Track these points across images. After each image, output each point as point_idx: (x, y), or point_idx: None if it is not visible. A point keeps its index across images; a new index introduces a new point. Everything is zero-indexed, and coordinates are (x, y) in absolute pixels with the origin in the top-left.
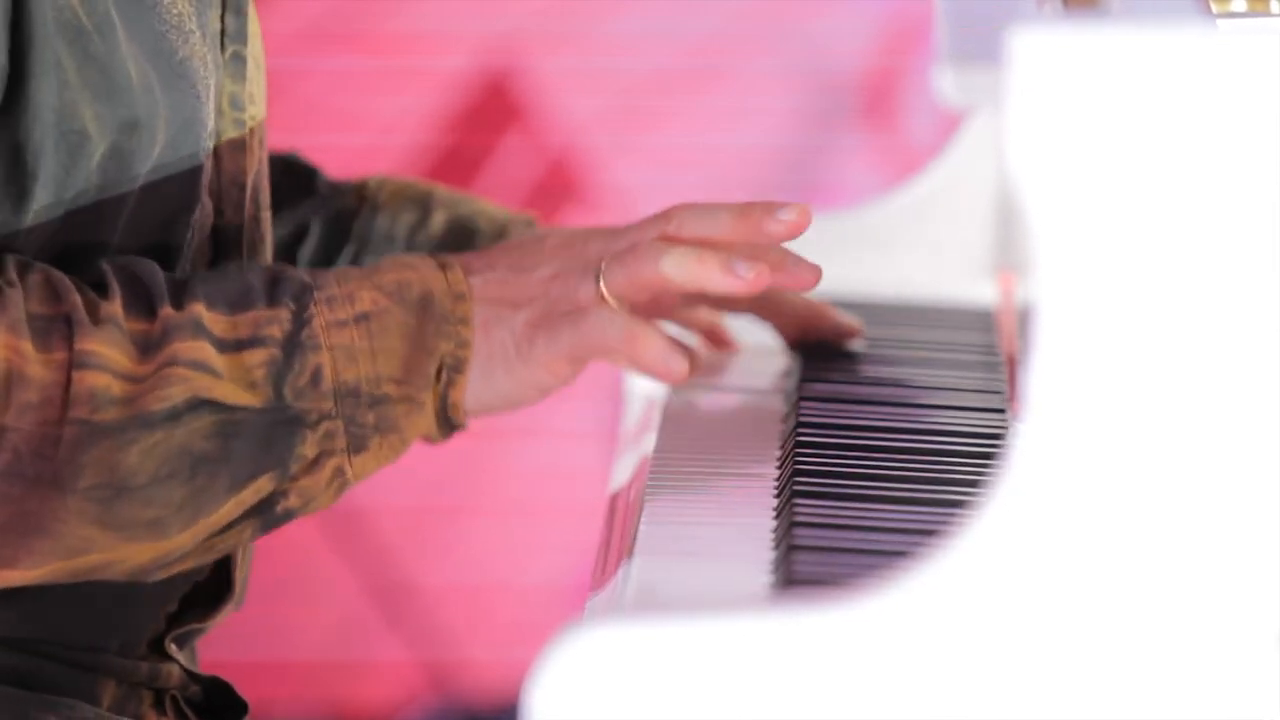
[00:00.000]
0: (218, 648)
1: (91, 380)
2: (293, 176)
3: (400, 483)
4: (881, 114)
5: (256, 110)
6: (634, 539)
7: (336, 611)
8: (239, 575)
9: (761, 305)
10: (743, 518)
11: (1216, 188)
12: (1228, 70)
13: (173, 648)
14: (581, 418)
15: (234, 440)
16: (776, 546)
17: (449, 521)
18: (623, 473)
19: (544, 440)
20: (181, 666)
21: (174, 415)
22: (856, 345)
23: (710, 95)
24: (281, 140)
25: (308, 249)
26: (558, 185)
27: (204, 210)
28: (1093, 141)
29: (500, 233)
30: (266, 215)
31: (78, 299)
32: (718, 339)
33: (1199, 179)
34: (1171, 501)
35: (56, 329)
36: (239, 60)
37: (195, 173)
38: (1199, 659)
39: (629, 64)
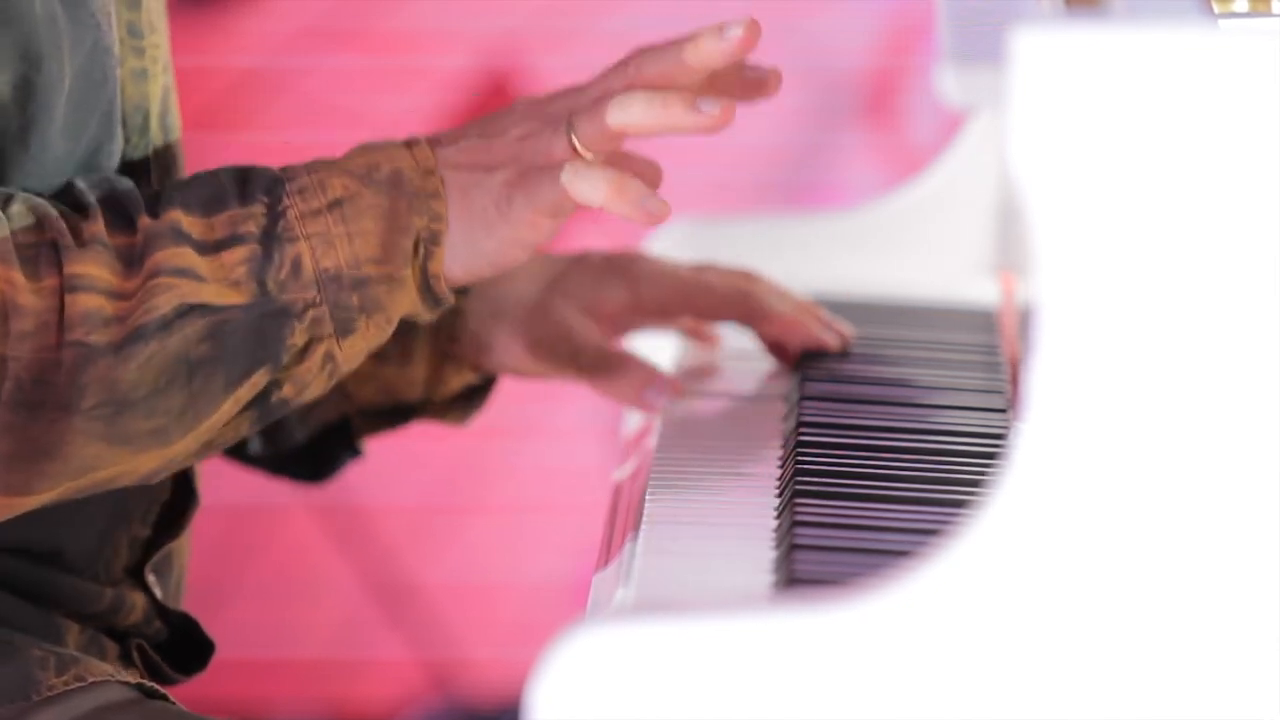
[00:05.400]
0: (219, 645)
1: (84, 302)
2: None
3: (402, 482)
4: (883, 113)
5: (158, 39)
6: (637, 536)
7: (338, 610)
8: (198, 480)
9: (746, 313)
10: (744, 517)
11: (1217, 187)
12: (1229, 70)
13: (151, 578)
14: (583, 417)
15: (226, 339)
16: (778, 546)
17: (451, 520)
18: (625, 469)
19: (545, 439)
20: (150, 599)
21: (165, 325)
22: (856, 345)
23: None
24: (284, 138)
25: None
26: None
27: (117, 140)
28: (1094, 141)
29: None
30: (176, 141)
31: (62, 224)
32: (701, 337)
33: (1200, 179)
34: (1172, 501)
35: (44, 256)
36: None
37: (111, 101)
38: (1199, 659)
39: None
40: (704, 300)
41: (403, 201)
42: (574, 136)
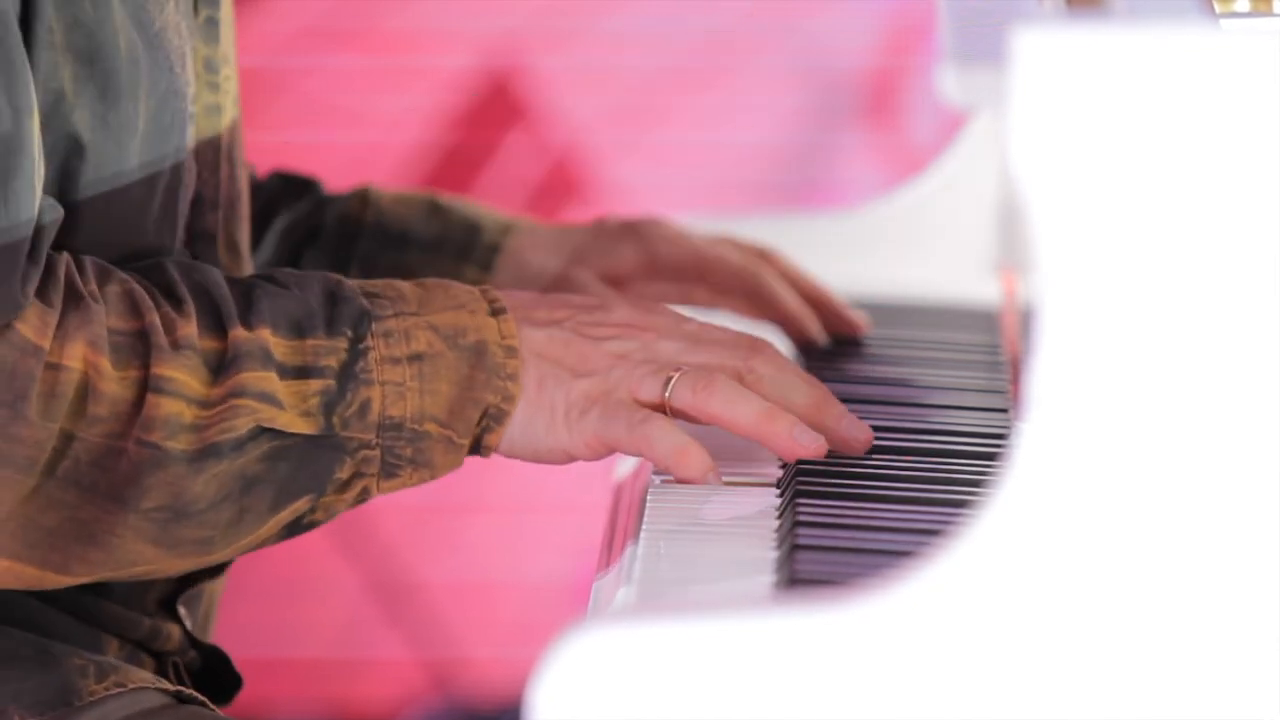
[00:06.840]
0: (221, 643)
1: (167, 406)
2: (291, 185)
3: None
4: (884, 113)
5: (230, 71)
6: (638, 537)
7: (339, 609)
8: None
9: (752, 294)
10: (745, 517)
11: (1218, 187)
12: (1230, 70)
13: (182, 610)
14: None
15: (281, 463)
16: (779, 546)
17: (452, 520)
18: (626, 466)
19: None
20: (184, 630)
21: (239, 445)
22: (858, 344)
23: (712, 93)
24: (284, 137)
25: (319, 248)
26: (560, 184)
27: (190, 174)
28: (1095, 141)
29: (505, 229)
30: (243, 174)
31: (156, 318)
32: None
33: (1201, 179)
34: (1172, 501)
35: (134, 347)
36: (212, 24)
37: (179, 148)
38: (1200, 659)
39: (631, 62)
40: (716, 271)
41: (481, 374)
42: (669, 395)
